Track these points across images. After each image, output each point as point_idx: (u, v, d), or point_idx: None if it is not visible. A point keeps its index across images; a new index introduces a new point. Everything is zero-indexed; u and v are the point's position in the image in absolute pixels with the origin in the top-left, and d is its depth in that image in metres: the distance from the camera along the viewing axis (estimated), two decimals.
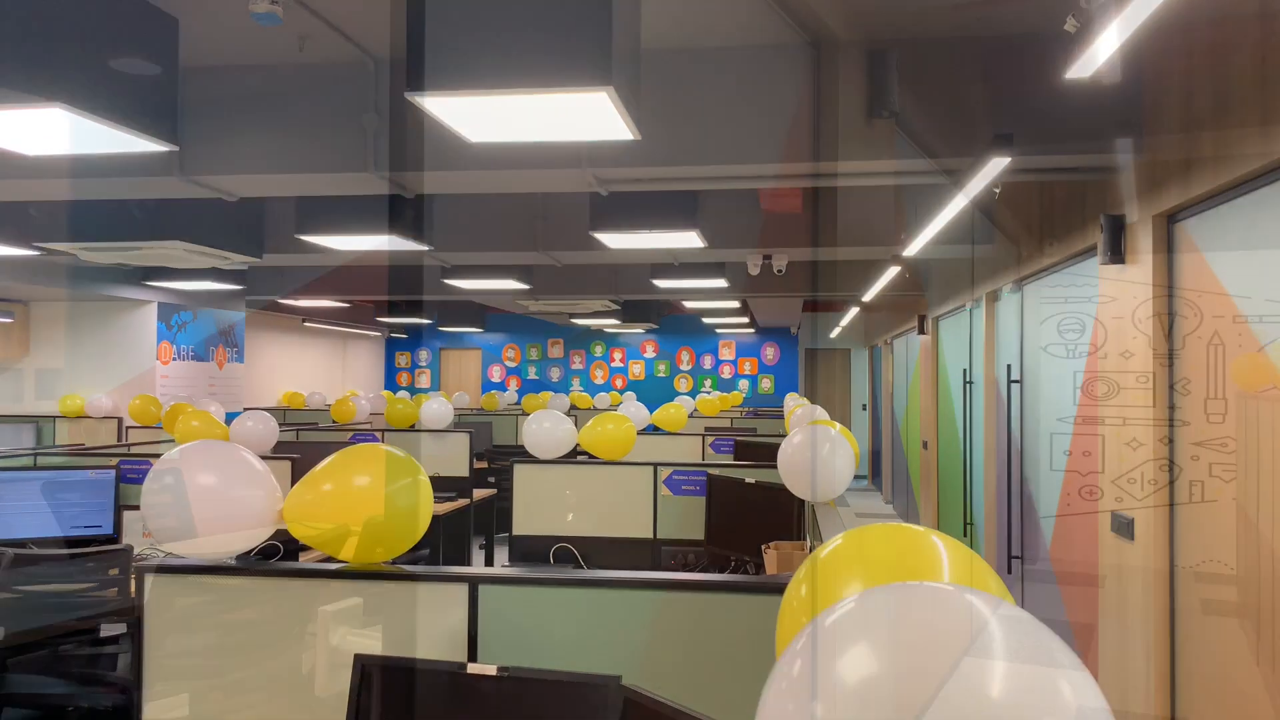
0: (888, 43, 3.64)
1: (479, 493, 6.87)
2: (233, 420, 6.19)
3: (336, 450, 2.28)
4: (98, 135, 3.28)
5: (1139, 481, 3.44)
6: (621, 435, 5.00)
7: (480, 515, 7.22)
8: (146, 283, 8.89)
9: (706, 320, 14.35)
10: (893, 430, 12.04)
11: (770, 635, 1.49)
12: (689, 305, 12.12)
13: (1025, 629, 0.93)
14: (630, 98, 2.85)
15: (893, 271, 7.08)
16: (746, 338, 16.54)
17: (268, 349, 13.47)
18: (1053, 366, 4.64)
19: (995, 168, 3.53)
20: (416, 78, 2.69)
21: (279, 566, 2.15)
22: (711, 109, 3.81)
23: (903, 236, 5.83)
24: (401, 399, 8.75)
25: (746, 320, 13.49)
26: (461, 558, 6.58)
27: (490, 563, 7.49)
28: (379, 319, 14.64)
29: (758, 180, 4.39)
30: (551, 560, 4.47)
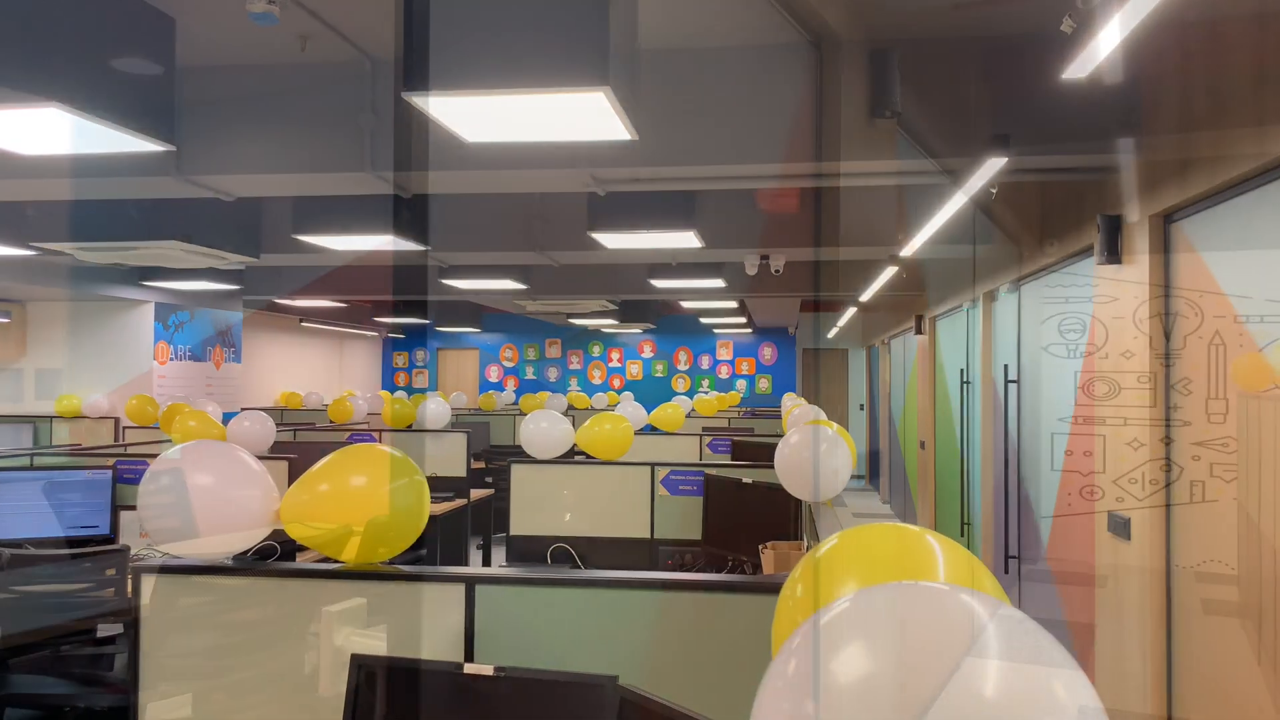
0: (889, 42, 3.64)
1: (476, 493, 6.87)
2: (230, 420, 6.18)
3: (334, 450, 2.28)
4: (95, 135, 3.28)
5: (1140, 481, 3.45)
6: (619, 435, 5.00)
7: (478, 515, 7.22)
8: (144, 283, 8.88)
9: (704, 320, 14.34)
10: (890, 430, 12.04)
11: (767, 635, 1.49)
12: (686, 305, 12.12)
13: (1021, 629, 0.94)
14: (628, 98, 2.86)
15: (890, 271, 7.08)
16: (744, 338, 16.54)
17: (265, 349, 13.46)
18: (1051, 366, 4.64)
19: (992, 168, 3.53)
20: (413, 77, 2.69)
21: (278, 567, 2.15)
22: (711, 109, 3.81)
23: (901, 237, 5.83)
24: (399, 399, 8.74)
25: (744, 320, 13.48)
26: (459, 558, 6.57)
27: (488, 563, 7.48)
28: (376, 319, 14.63)
29: (757, 180, 4.39)
30: (549, 560, 4.47)
